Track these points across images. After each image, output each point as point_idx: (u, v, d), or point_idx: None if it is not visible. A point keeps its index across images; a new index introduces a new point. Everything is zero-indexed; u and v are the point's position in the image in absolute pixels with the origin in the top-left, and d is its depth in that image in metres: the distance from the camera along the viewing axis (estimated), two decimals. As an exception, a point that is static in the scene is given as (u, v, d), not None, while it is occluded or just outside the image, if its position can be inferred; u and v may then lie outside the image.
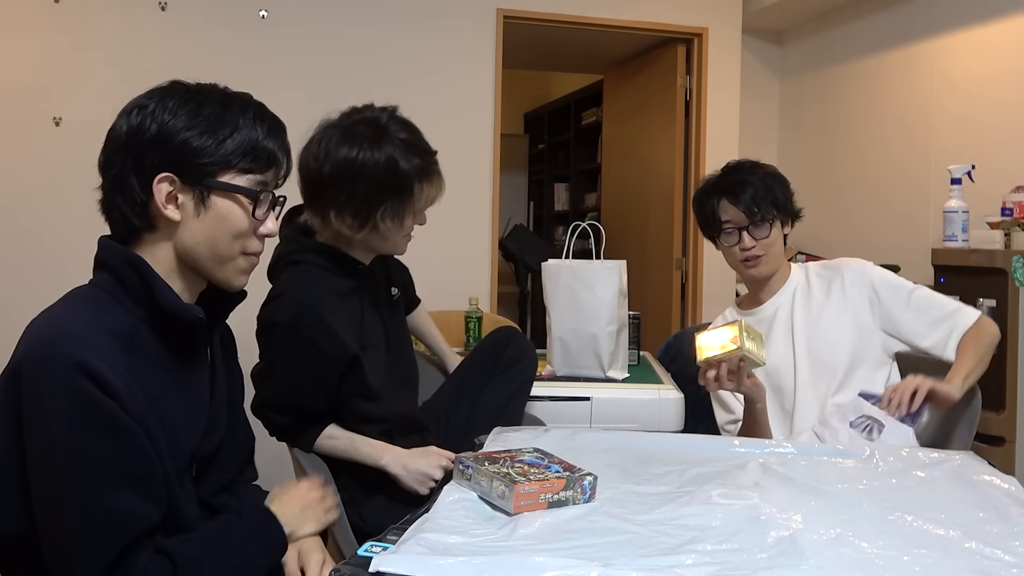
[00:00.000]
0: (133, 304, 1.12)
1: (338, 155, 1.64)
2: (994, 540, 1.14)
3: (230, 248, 1.17)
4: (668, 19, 4.12)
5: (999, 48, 3.37)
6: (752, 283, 2.07)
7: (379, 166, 1.63)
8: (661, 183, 4.43)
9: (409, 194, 1.67)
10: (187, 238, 1.15)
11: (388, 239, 1.73)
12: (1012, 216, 3.00)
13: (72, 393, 1.00)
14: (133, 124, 1.12)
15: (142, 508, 1.05)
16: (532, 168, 7.38)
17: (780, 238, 2.00)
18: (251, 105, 1.18)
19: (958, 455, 1.54)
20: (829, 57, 4.39)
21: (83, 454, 1.01)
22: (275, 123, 1.20)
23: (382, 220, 1.67)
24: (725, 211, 1.97)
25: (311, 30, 3.64)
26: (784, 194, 1.98)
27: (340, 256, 1.74)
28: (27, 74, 3.32)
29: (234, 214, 1.16)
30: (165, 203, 1.12)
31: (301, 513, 1.29)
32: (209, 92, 1.16)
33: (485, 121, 3.86)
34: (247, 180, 1.16)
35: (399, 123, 1.70)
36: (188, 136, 1.12)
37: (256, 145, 1.16)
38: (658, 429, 2.05)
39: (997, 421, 2.75)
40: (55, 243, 3.29)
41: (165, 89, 1.16)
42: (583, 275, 2.24)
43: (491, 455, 1.33)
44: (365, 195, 1.64)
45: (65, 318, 1.08)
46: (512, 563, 1.00)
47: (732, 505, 1.25)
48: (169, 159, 1.11)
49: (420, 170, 1.68)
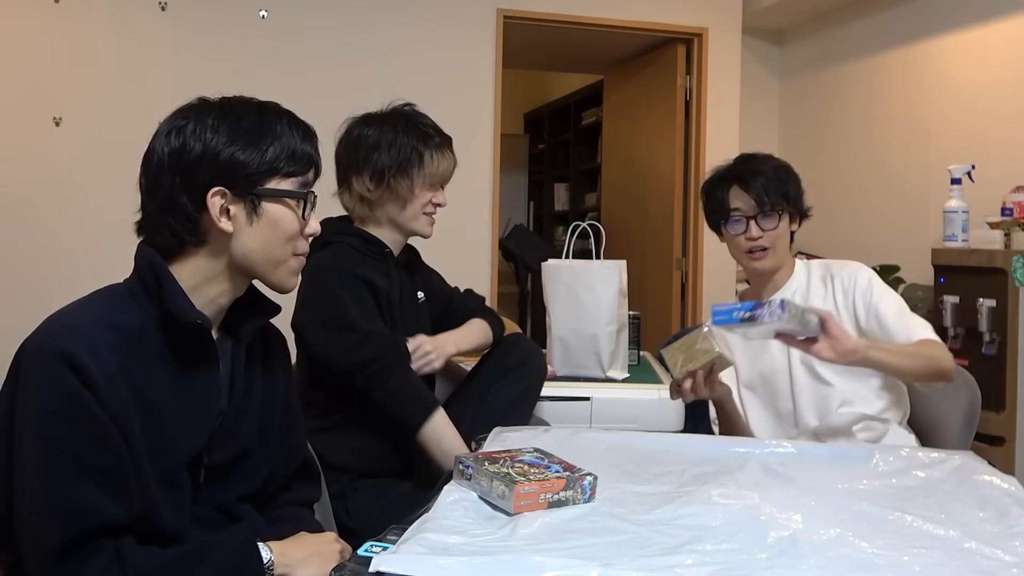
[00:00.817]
0: (149, 304, 1.15)
1: (359, 129, 1.89)
2: (994, 540, 1.14)
3: (283, 251, 1.22)
4: (668, 19, 4.12)
5: (999, 49, 3.37)
6: (755, 277, 2.04)
7: (391, 130, 1.85)
8: (661, 183, 4.43)
9: (418, 156, 1.82)
10: (240, 247, 1.19)
11: (405, 207, 1.85)
12: (1012, 216, 3.01)
13: (52, 380, 1.05)
14: (175, 145, 1.16)
15: (104, 504, 1.06)
16: (532, 168, 7.38)
17: (787, 233, 1.96)
18: (283, 113, 1.23)
19: (958, 455, 1.54)
20: (829, 57, 4.39)
21: (52, 440, 1.05)
22: (307, 127, 1.26)
23: (393, 177, 1.82)
24: (735, 199, 1.93)
25: (311, 30, 3.64)
26: (795, 189, 1.96)
27: (370, 238, 1.86)
28: (27, 74, 3.32)
29: (285, 217, 1.21)
30: (219, 216, 1.16)
31: (307, 558, 1.25)
32: (242, 105, 1.21)
33: (485, 121, 3.86)
34: (292, 183, 1.21)
35: (415, 112, 1.89)
36: (233, 150, 1.16)
37: (295, 149, 1.21)
38: (658, 429, 2.05)
39: (997, 421, 2.76)
40: (55, 243, 3.29)
41: (198, 108, 1.20)
42: (583, 275, 2.24)
43: (491, 455, 1.33)
44: (377, 151, 1.83)
45: (75, 311, 1.13)
46: (512, 563, 1.00)
47: (732, 505, 1.25)
48: (218, 174, 1.16)
49: (427, 137, 1.84)
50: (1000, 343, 2.82)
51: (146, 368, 1.11)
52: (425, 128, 1.86)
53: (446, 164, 1.87)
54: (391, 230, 1.89)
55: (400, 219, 1.87)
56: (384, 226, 1.88)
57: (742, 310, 1.53)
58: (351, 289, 1.78)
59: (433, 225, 1.92)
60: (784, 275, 2.02)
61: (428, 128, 1.87)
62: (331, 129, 1.84)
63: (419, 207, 1.86)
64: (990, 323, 2.84)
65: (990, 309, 2.83)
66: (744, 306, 1.54)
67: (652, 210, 4.53)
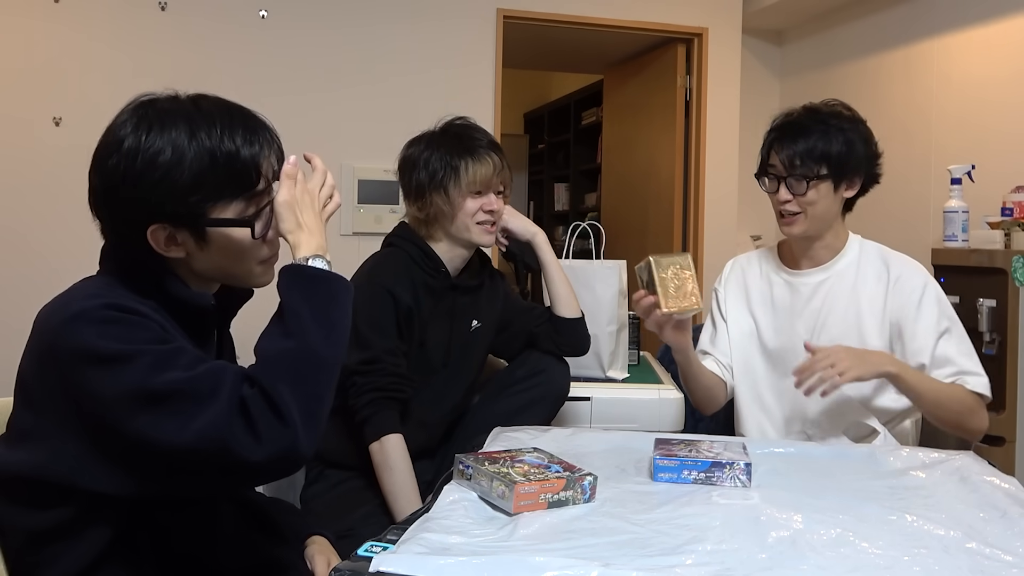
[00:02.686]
0: (142, 296, 1.12)
1: (405, 152, 1.92)
2: (994, 540, 1.14)
3: (244, 266, 1.18)
4: (668, 19, 4.12)
5: (999, 48, 3.37)
6: (792, 241, 1.91)
7: (427, 147, 1.87)
8: (661, 183, 4.43)
9: (451, 168, 1.83)
10: (197, 265, 1.16)
11: (454, 220, 1.85)
12: (1012, 216, 3.00)
13: (108, 322, 1.03)
14: (108, 183, 1.09)
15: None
16: (532, 168, 7.38)
17: (827, 200, 1.81)
18: (216, 114, 1.12)
19: (958, 455, 1.54)
20: (829, 57, 4.39)
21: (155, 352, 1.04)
22: (246, 121, 1.14)
23: (432, 193, 1.83)
24: (774, 154, 1.82)
25: (311, 30, 3.64)
26: (846, 153, 1.78)
27: (429, 252, 1.87)
28: (27, 74, 3.32)
29: (237, 242, 1.14)
30: (166, 247, 1.12)
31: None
32: (171, 119, 1.10)
33: (485, 121, 3.85)
34: (239, 207, 1.13)
35: (453, 124, 1.91)
36: (165, 187, 1.07)
37: (235, 166, 1.11)
38: (658, 429, 2.05)
39: (997, 421, 2.75)
40: (55, 243, 3.29)
41: (119, 133, 1.10)
42: (583, 275, 2.24)
43: (491, 455, 1.33)
44: (415, 170, 1.85)
45: (79, 295, 1.09)
46: (512, 563, 1.00)
47: (732, 505, 1.25)
48: (154, 212, 1.09)
49: (462, 148, 1.84)
50: (1000, 343, 2.82)
51: None
52: (463, 139, 1.86)
53: (484, 170, 1.84)
54: (451, 244, 1.89)
55: (453, 231, 1.87)
56: (443, 241, 1.89)
57: (697, 468, 1.36)
58: (374, 298, 1.77)
59: (493, 233, 1.90)
60: (828, 249, 1.89)
61: (467, 139, 1.86)
62: (331, 129, 1.84)
63: (467, 217, 1.84)
64: (990, 323, 2.83)
65: (990, 309, 2.83)
66: (701, 464, 1.36)
67: (652, 210, 4.53)
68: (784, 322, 1.91)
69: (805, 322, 1.87)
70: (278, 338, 1.08)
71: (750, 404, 1.95)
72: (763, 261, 2.01)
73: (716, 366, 1.98)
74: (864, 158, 1.83)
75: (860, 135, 1.82)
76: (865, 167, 1.84)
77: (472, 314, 1.94)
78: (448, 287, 1.88)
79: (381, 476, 1.72)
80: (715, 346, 2.00)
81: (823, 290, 1.88)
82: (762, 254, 2.03)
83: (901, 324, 1.81)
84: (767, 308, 1.95)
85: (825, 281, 1.89)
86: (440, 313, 1.87)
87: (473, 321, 1.94)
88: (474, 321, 1.94)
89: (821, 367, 1.61)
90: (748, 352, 1.95)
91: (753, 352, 1.95)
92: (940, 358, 1.77)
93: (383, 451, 1.72)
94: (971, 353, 1.80)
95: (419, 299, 1.83)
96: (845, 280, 1.87)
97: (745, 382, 1.96)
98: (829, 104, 1.86)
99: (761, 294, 1.96)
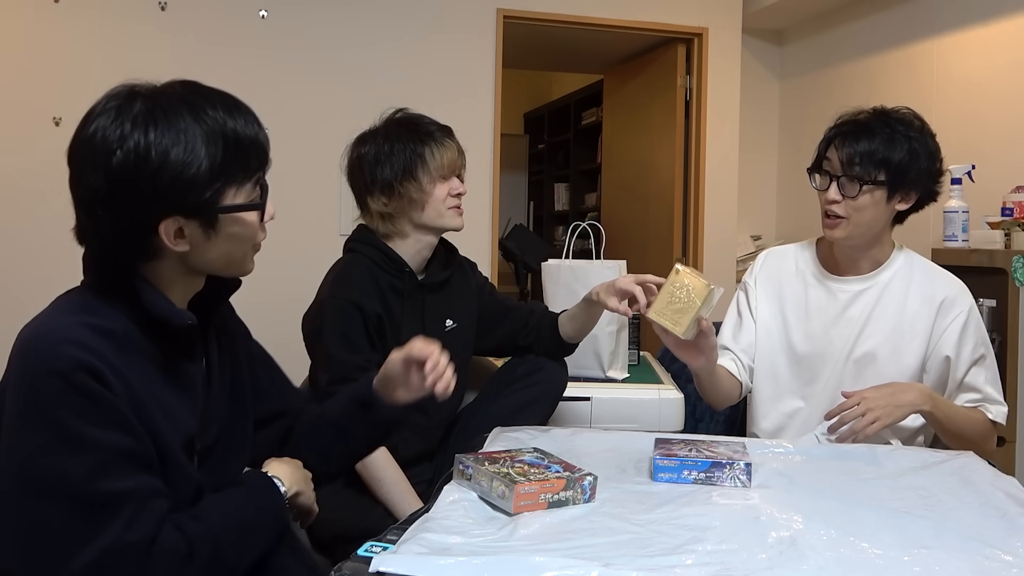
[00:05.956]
0: (123, 306, 1.10)
1: (357, 150, 1.89)
2: (994, 540, 1.14)
3: (242, 251, 1.17)
4: (668, 19, 4.12)
5: (999, 48, 3.37)
6: (834, 244, 1.83)
7: (386, 141, 1.85)
8: (661, 183, 4.43)
9: (418, 156, 1.82)
10: (198, 258, 1.14)
11: (425, 208, 1.84)
12: (1012, 216, 3.00)
13: (77, 392, 1.01)
14: (117, 183, 1.06)
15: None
16: (532, 168, 7.38)
17: (876, 209, 1.74)
18: (215, 104, 1.11)
19: (958, 455, 1.54)
20: (829, 57, 4.39)
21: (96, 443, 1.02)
22: (236, 104, 1.14)
23: (402, 184, 1.82)
24: (832, 151, 1.75)
25: (311, 30, 3.64)
26: (908, 163, 1.71)
27: (391, 255, 1.85)
28: (27, 74, 3.32)
29: (246, 228, 1.14)
30: (173, 240, 1.09)
31: (304, 477, 1.31)
32: (175, 116, 1.08)
33: (485, 121, 3.86)
34: (248, 190, 1.13)
35: (406, 115, 1.90)
36: (184, 180, 1.06)
37: (243, 151, 1.11)
38: (658, 429, 2.05)
39: (997, 421, 2.75)
40: (54, 243, 3.28)
41: (119, 119, 1.10)
42: (583, 275, 2.24)
43: (491, 455, 1.33)
44: (379, 165, 1.83)
45: (56, 325, 1.06)
46: (512, 563, 1.00)
47: (732, 505, 1.25)
48: (168, 207, 1.07)
49: (422, 135, 1.84)
50: (1000, 343, 2.82)
51: (135, 368, 1.08)
52: (418, 127, 1.86)
53: (450, 154, 1.86)
54: (420, 235, 1.87)
55: (424, 220, 1.85)
56: (410, 236, 1.87)
57: (697, 468, 1.36)
58: (337, 311, 1.76)
59: (462, 215, 1.90)
60: (871, 259, 1.83)
61: (422, 126, 1.87)
62: (331, 129, 1.85)
63: (439, 203, 1.85)
64: (990, 323, 2.83)
65: (990, 309, 2.82)
66: (700, 464, 1.36)
67: (652, 210, 4.53)
68: (817, 327, 1.85)
69: (840, 330, 1.82)
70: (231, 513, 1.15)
71: (768, 405, 1.89)
72: (799, 258, 1.92)
73: (734, 365, 1.90)
74: (926, 172, 1.76)
75: (926, 148, 1.76)
76: (924, 182, 1.77)
77: (445, 313, 1.92)
78: (415, 287, 1.86)
79: (374, 491, 1.72)
80: (737, 342, 1.92)
81: (863, 300, 1.82)
82: (799, 250, 1.94)
83: (943, 350, 1.80)
84: (800, 311, 1.87)
85: (866, 291, 1.83)
86: (411, 314, 1.85)
87: (447, 320, 1.92)
88: (448, 320, 1.92)
89: (852, 416, 1.64)
90: (773, 352, 1.89)
91: (779, 353, 1.89)
92: (968, 384, 1.80)
93: (367, 468, 1.71)
94: (996, 380, 1.83)
95: (388, 303, 1.81)
96: (889, 293, 1.82)
97: (766, 382, 1.90)
98: (900, 110, 1.79)
99: (795, 294, 1.89)
